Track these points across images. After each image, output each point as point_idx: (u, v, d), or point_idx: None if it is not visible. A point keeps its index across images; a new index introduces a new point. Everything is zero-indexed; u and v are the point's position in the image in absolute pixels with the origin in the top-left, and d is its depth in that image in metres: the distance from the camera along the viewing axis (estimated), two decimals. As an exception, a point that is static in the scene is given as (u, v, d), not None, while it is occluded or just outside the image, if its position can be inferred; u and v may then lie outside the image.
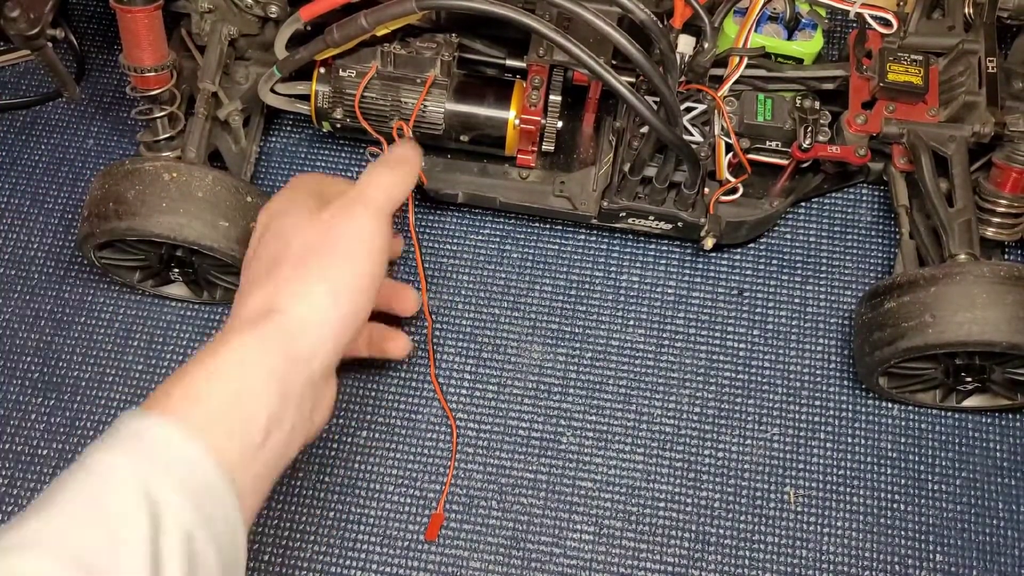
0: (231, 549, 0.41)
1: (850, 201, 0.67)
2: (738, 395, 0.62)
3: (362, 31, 0.55)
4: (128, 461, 0.40)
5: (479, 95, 0.60)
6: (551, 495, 0.59)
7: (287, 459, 0.45)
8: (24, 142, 0.69)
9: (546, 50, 0.60)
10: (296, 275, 0.46)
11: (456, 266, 0.65)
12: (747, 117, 0.60)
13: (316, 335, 0.45)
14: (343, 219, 0.48)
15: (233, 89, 0.62)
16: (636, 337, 0.63)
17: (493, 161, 0.63)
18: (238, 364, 0.43)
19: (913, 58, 0.60)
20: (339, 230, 0.48)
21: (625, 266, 0.65)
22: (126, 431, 0.41)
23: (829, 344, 0.63)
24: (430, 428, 0.60)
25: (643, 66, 0.52)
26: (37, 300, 0.64)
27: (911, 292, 0.55)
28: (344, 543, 0.58)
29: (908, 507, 0.59)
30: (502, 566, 0.57)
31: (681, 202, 0.60)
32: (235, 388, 0.42)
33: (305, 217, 0.49)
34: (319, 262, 0.47)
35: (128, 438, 0.41)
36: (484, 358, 0.62)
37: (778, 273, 0.65)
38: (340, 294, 0.46)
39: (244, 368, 0.43)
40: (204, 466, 0.40)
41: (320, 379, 0.46)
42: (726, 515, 0.59)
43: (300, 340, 0.45)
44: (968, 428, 0.61)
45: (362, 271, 0.47)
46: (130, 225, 0.55)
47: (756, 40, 0.62)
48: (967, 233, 0.57)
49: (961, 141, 0.59)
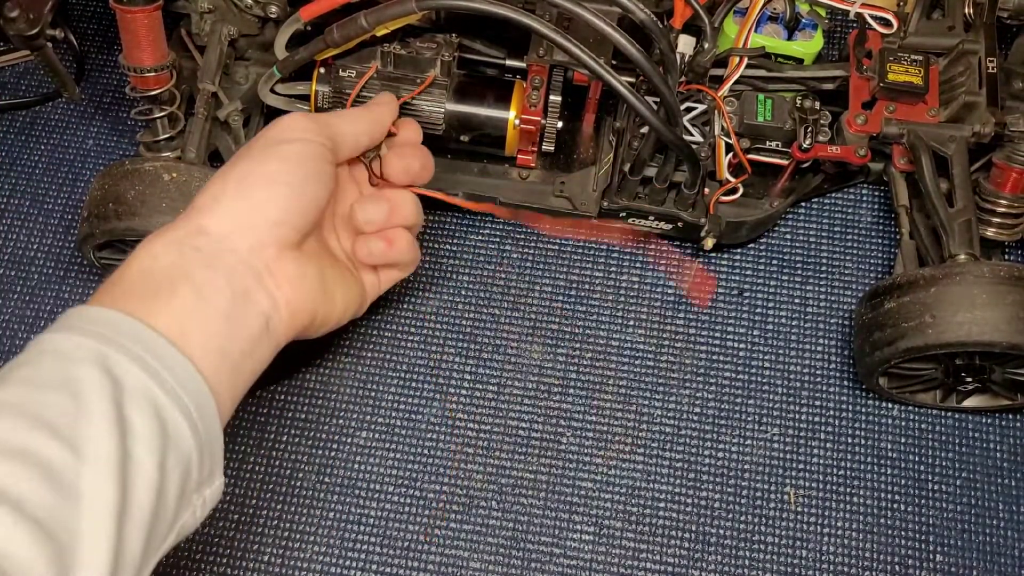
0: (207, 429, 0.41)
1: (850, 201, 0.67)
2: (738, 395, 0.62)
3: (362, 31, 0.55)
4: (80, 338, 0.40)
5: (479, 95, 0.60)
6: (551, 495, 0.59)
7: (250, 338, 0.45)
8: (24, 142, 0.69)
9: (546, 50, 0.60)
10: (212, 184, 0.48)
11: (456, 266, 0.65)
12: (747, 117, 0.60)
13: (215, 214, 0.46)
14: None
15: (233, 89, 0.62)
16: (636, 337, 0.63)
17: (493, 161, 0.63)
18: (150, 257, 0.44)
19: (913, 58, 0.60)
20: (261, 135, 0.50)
21: (625, 266, 0.65)
22: (71, 319, 0.41)
23: (829, 344, 0.63)
24: (430, 428, 0.60)
25: (643, 66, 0.52)
26: (37, 301, 0.64)
27: (911, 292, 0.55)
28: (344, 543, 0.58)
29: (908, 507, 0.59)
30: (502, 566, 0.57)
31: (681, 202, 0.60)
32: (150, 272, 0.44)
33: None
34: (233, 162, 0.49)
35: (76, 324, 0.41)
36: (484, 358, 0.62)
37: (778, 273, 0.65)
38: (243, 180, 0.47)
39: (155, 260, 0.44)
40: (163, 346, 0.40)
41: (252, 256, 0.46)
42: (726, 515, 0.59)
43: (197, 220, 0.46)
44: (968, 428, 0.61)
45: (269, 157, 0.48)
46: (130, 225, 0.55)
47: (756, 40, 0.62)
48: (967, 233, 0.57)
49: (961, 141, 0.59)
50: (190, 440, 0.40)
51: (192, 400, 0.41)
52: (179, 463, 0.40)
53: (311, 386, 0.61)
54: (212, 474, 0.43)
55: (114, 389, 0.38)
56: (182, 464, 0.40)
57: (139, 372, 0.39)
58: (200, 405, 0.41)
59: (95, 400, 0.38)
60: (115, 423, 0.38)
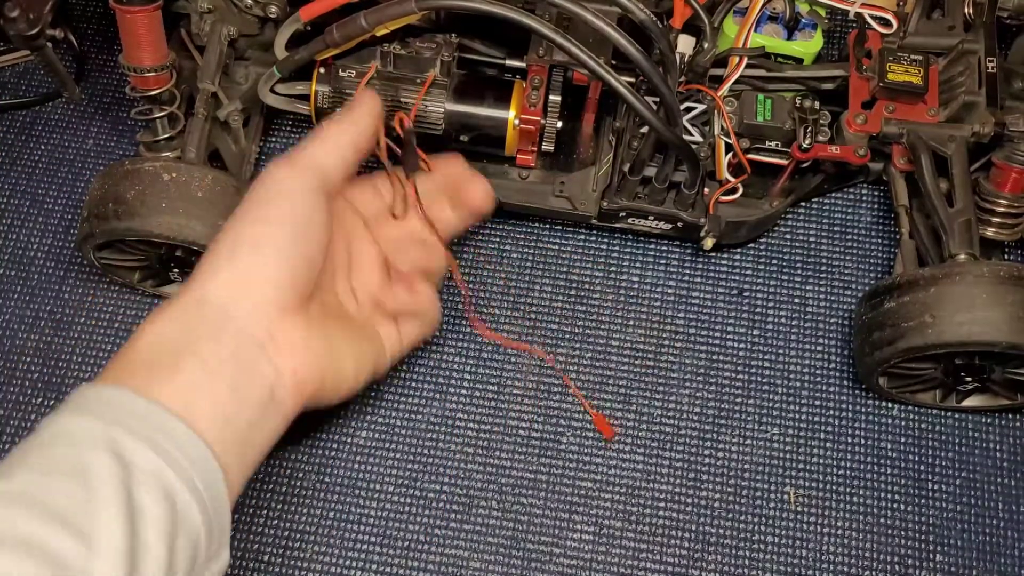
0: (216, 507, 0.41)
1: (850, 201, 0.67)
2: (738, 395, 0.62)
3: (362, 31, 0.55)
4: (90, 421, 0.40)
5: (479, 95, 0.60)
6: (551, 495, 0.59)
7: (257, 408, 0.45)
8: (24, 142, 0.69)
9: (546, 50, 0.60)
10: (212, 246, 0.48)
11: (456, 266, 0.65)
12: (747, 117, 0.60)
13: (220, 287, 0.46)
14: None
15: (233, 89, 0.62)
16: (636, 337, 0.63)
17: (493, 161, 0.63)
18: (154, 332, 0.44)
19: (913, 58, 0.60)
20: (252, 189, 0.49)
21: (625, 266, 0.65)
22: (80, 399, 0.41)
23: (829, 344, 0.63)
24: (430, 428, 0.60)
25: (643, 66, 0.52)
26: (37, 301, 0.64)
27: (911, 292, 0.55)
28: (344, 543, 0.58)
29: (908, 507, 0.59)
30: (502, 566, 0.57)
31: (681, 202, 0.60)
32: (157, 347, 0.44)
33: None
34: (227, 225, 0.48)
35: (84, 404, 0.41)
36: (484, 358, 0.62)
37: (778, 273, 0.65)
38: (234, 247, 0.47)
39: (160, 334, 0.44)
40: (171, 422, 0.40)
41: (252, 324, 0.46)
42: (726, 515, 0.59)
43: (199, 290, 0.46)
44: (968, 428, 0.61)
45: (259, 218, 0.48)
46: (129, 225, 0.55)
47: (756, 40, 0.62)
48: (967, 233, 0.57)
49: (961, 141, 0.59)
50: (199, 519, 0.40)
51: (201, 477, 0.41)
52: (188, 543, 0.40)
53: (311, 386, 0.61)
54: (220, 550, 0.43)
55: (124, 473, 0.38)
56: (191, 544, 0.40)
57: (149, 453, 0.39)
58: (209, 482, 0.41)
59: (105, 487, 0.38)
60: (126, 509, 0.37)
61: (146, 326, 0.45)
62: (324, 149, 0.51)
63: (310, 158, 0.50)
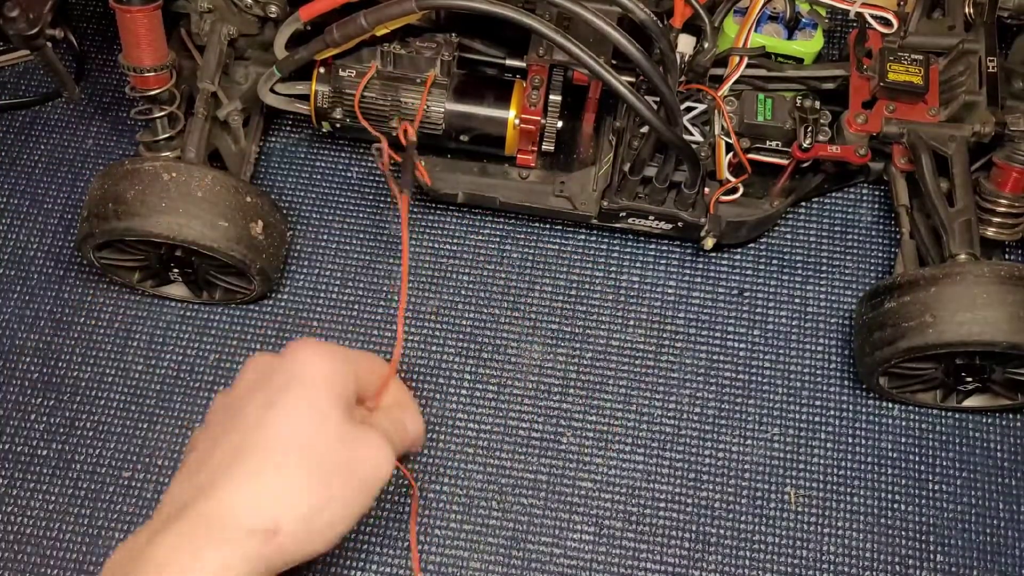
0: None
1: (850, 201, 0.67)
2: (738, 395, 0.62)
3: (362, 31, 0.55)
4: None
5: (479, 95, 0.60)
6: (551, 495, 0.59)
7: None
8: (24, 142, 0.69)
9: (546, 50, 0.60)
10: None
11: (456, 266, 0.65)
12: (747, 117, 0.60)
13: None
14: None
15: (233, 89, 0.62)
16: (636, 337, 0.63)
17: (493, 161, 0.63)
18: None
19: (913, 58, 0.60)
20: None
21: (625, 266, 0.65)
22: None
23: (829, 344, 0.63)
24: (430, 428, 0.60)
25: (643, 66, 0.52)
26: (37, 300, 0.64)
27: (911, 292, 0.55)
28: (344, 543, 0.57)
29: (908, 507, 0.59)
30: (502, 566, 0.57)
31: (681, 202, 0.60)
32: None
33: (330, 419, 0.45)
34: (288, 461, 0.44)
35: None
36: (484, 358, 0.62)
37: (778, 273, 0.65)
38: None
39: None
40: None
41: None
42: (726, 515, 0.58)
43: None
44: (968, 428, 0.61)
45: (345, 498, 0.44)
46: (129, 225, 0.55)
47: (756, 40, 0.62)
48: (967, 233, 0.57)
49: (961, 141, 0.59)
50: None
51: None
52: None
53: (311, 386, 0.61)
54: None
55: None
56: None
57: None
58: None
59: None
60: None
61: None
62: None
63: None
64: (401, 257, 0.63)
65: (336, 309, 0.63)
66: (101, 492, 0.59)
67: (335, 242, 0.65)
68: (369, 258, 0.65)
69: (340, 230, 0.66)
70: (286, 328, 0.63)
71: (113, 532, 0.58)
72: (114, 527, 0.58)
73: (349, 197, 0.67)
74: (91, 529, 0.58)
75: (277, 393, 0.45)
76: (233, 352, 0.62)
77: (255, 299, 0.63)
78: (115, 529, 0.58)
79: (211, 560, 0.41)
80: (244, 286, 0.61)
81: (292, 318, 0.63)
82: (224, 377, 0.62)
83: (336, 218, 0.66)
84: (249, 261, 0.57)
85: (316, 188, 0.67)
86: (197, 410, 0.61)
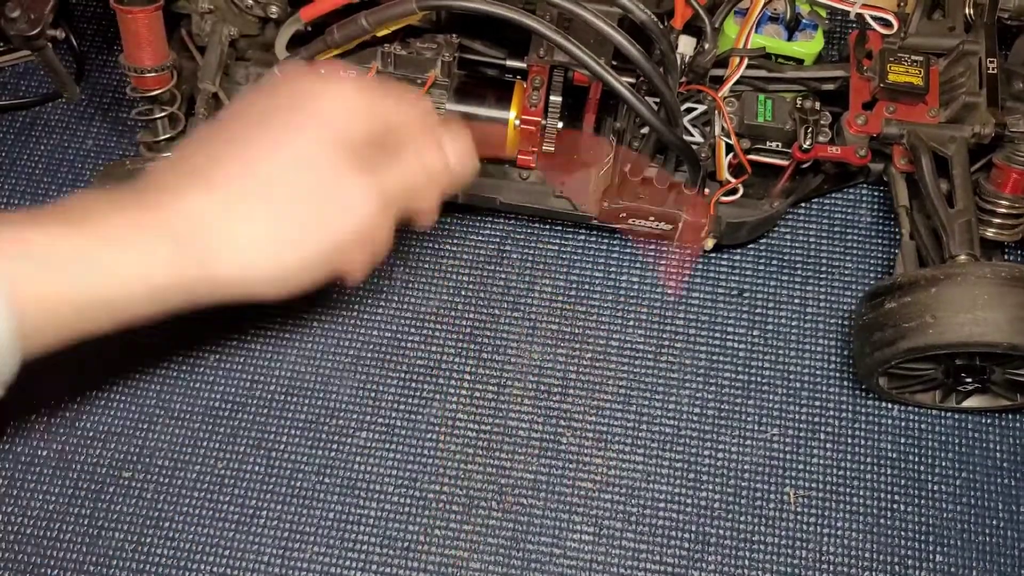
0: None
1: (850, 202, 0.67)
2: (738, 396, 0.62)
3: (362, 32, 0.55)
4: None
5: (479, 96, 0.60)
6: (551, 496, 0.59)
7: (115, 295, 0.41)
8: (24, 142, 0.69)
9: (546, 51, 0.60)
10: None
11: (456, 266, 0.65)
12: (747, 118, 0.60)
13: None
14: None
15: (233, 89, 0.62)
16: (636, 338, 0.63)
17: (493, 161, 0.63)
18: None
19: (913, 59, 0.60)
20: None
21: (625, 266, 0.65)
22: None
23: (829, 345, 0.63)
24: (430, 428, 0.60)
25: (643, 67, 0.52)
26: (37, 300, 0.64)
27: (911, 293, 0.55)
28: (344, 543, 0.58)
29: (908, 507, 0.59)
30: (502, 567, 0.57)
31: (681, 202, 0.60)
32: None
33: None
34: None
35: None
36: (484, 358, 0.62)
37: (778, 274, 0.65)
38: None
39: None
40: None
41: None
42: (726, 516, 0.59)
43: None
44: (968, 429, 0.61)
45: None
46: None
47: (756, 41, 0.62)
48: (967, 234, 0.57)
49: (961, 142, 0.59)
50: None
51: None
52: None
53: (311, 386, 0.61)
54: None
55: None
56: None
57: None
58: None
59: None
60: None
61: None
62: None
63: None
64: (402, 258, 0.64)
65: (336, 309, 0.64)
66: (101, 492, 0.59)
67: (335, 242, 0.65)
68: (369, 258, 0.65)
69: (340, 230, 0.66)
70: (286, 328, 0.63)
71: (113, 532, 0.58)
72: (114, 527, 0.58)
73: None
74: (91, 529, 0.58)
75: (286, 121, 0.44)
76: (233, 352, 0.62)
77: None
78: (115, 529, 0.58)
79: (141, 254, 0.40)
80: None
81: (292, 318, 0.63)
82: (224, 377, 0.62)
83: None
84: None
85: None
86: (197, 410, 0.61)
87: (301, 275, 0.45)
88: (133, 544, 0.58)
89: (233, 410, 0.61)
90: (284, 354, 0.62)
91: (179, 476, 0.59)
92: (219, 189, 0.43)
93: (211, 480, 0.59)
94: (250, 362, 0.62)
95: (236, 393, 0.61)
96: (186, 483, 0.59)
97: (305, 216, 0.44)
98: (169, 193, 0.42)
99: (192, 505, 0.59)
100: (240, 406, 0.61)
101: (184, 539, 0.58)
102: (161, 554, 0.57)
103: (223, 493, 0.59)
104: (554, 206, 0.62)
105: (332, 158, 0.44)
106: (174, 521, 0.58)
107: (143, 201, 0.42)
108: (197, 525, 0.58)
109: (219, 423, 0.61)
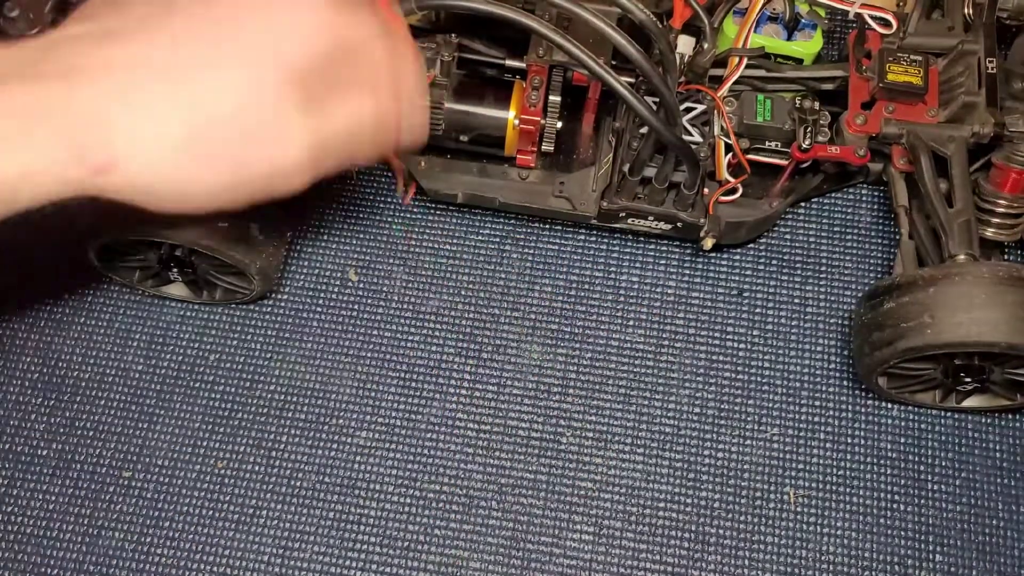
0: None
1: (850, 201, 0.67)
2: (738, 395, 0.62)
3: (362, 31, 0.55)
4: None
5: (479, 95, 0.60)
6: (551, 495, 0.59)
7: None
8: (24, 142, 0.69)
9: (546, 50, 0.60)
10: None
11: (456, 266, 0.65)
12: (747, 117, 0.60)
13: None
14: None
15: None
16: (636, 337, 0.63)
17: (493, 161, 0.63)
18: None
19: (913, 58, 0.60)
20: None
21: (625, 266, 0.65)
22: None
23: (829, 344, 0.63)
24: (430, 428, 0.60)
25: (642, 66, 0.52)
26: (37, 300, 0.64)
27: (910, 292, 0.55)
28: (344, 543, 0.58)
29: (908, 507, 0.59)
30: (502, 566, 0.57)
31: (680, 202, 0.60)
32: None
33: None
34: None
35: None
36: (484, 358, 0.62)
37: (778, 273, 0.65)
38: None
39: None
40: None
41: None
42: (726, 515, 0.59)
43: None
44: (968, 428, 0.61)
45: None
46: (129, 225, 0.55)
47: (756, 40, 0.62)
48: (966, 234, 0.57)
49: (960, 142, 0.59)
50: None
51: None
52: None
53: (311, 386, 0.61)
54: None
55: None
56: None
57: None
58: None
59: None
60: None
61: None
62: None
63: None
64: (401, 261, 0.64)
65: (336, 309, 0.64)
66: (101, 492, 0.59)
67: (335, 242, 0.65)
68: (369, 258, 0.65)
69: (340, 230, 0.66)
70: (286, 328, 0.63)
71: (113, 532, 0.58)
72: (114, 527, 0.58)
73: (349, 197, 0.67)
74: (91, 529, 0.58)
75: (232, 16, 0.38)
76: (233, 352, 0.62)
77: (255, 299, 0.63)
78: (115, 529, 0.58)
79: (29, 152, 0.36)
80: (244, 286, 0.61)
81: (292, 318, 0.63)
82: (224, 377, 0.62)
83: (336, 218, 0.66)
84: (248, 261, 0.57)
85: (316, 187, 0.67)
86: (197, 410, 0.61)
87: (201, 197, 0.40)
88: (133, 544, 0.58)
89: (233, 410, 0.61)
90: (284, 354, 0.62)
91: (179, 476, 0.59)
92: (125, 70, 0.37)
93: (211, 480, 0.59)
94: (250, 362, 0.62)
95: (236, 393, 0.61)
96: (186, 483, 0.59)
97: (223, 138, 0.38)
98: (71, 65, 0.37)
99: (192, 505, 0.59)
100: (240, 406, 0.61)
101: (184, 539, 0.58)
102: (161, 554, 0.57)
103: (223, 493, 0.59)
104: (554, 206, 0.62)
105: (274, 84, 0.38)
106: (174, 521, 0.58)
107: (40, 75, 0.36)
108: (197, 525, 0.58)
109: (219, 423, 0.61)
